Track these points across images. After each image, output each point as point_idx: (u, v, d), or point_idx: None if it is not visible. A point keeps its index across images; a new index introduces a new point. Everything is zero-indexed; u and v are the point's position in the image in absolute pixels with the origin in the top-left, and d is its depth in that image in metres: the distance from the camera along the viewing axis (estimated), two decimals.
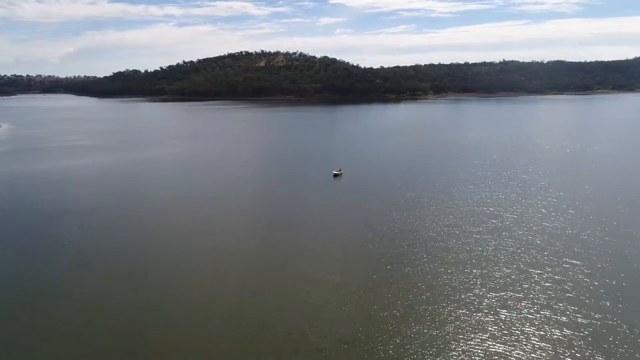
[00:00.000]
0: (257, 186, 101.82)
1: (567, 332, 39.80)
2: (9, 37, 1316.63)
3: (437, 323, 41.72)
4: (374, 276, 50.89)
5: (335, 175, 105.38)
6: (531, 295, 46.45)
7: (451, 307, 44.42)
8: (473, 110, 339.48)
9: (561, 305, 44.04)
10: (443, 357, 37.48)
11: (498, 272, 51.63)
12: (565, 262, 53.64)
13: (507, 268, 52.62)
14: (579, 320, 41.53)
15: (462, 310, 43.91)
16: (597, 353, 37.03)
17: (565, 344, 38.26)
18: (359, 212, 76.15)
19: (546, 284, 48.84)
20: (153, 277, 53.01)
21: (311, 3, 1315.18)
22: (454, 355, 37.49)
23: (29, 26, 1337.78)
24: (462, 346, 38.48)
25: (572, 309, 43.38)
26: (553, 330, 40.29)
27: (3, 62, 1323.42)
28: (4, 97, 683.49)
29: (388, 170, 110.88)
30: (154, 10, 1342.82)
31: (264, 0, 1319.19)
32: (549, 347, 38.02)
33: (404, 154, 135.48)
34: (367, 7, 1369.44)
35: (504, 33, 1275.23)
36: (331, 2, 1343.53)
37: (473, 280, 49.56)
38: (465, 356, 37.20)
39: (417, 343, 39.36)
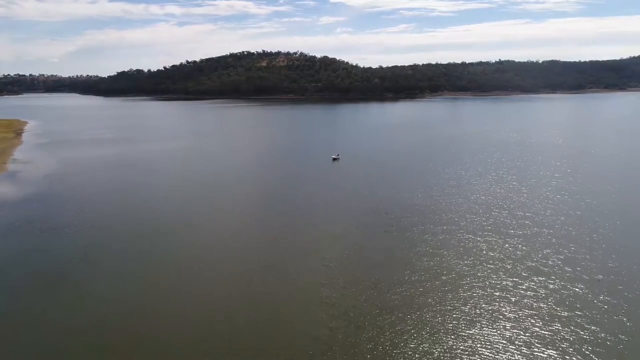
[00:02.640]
0: (268, 167, 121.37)
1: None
2: (9, 36, 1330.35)
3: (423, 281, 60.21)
4: (356, 228, 69.47)
5: (334, 159, 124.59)
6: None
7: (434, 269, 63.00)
8: (463, 108, 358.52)
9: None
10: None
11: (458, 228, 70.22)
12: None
13: (480, 231, 71.29)
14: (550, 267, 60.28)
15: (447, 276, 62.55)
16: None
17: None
18: (352, 185, 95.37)
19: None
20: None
21: (311, 2, 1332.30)
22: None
23: (29, 25, 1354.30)
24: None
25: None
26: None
27: (3, 61, 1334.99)
28: (11, 96, 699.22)
29: (379, 157, 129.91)
30: (154, 9, 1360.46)
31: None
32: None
33: (395, 144, 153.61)
34: (368, 6, 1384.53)
35: (504, 32, 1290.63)
36: (332, 1, 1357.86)
37: (451, 238, 68.19)
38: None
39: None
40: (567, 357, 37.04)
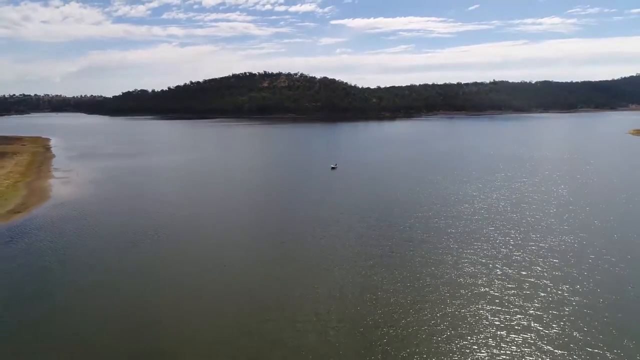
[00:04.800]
0: (274, 174, 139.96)
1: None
2: (13, 56, 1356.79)
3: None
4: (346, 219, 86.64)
5: (332, 168, 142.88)
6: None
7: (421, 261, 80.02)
8: (455, 126, 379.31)
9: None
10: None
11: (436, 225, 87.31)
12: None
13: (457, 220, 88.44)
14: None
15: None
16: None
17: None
18: (347, 188, 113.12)
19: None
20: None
21: (312, 24, 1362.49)
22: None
23: (33, 46, 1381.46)
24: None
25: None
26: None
27: (5, 81, 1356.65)
28: (19, 116, 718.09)
29: (372, 166, 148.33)
30: (157, 30, 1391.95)
31: (265, 21, 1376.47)
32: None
33: (386, 157, 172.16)
34: (368, 28, 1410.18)
35: (502, 52, 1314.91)
36: (332, 22, 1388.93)
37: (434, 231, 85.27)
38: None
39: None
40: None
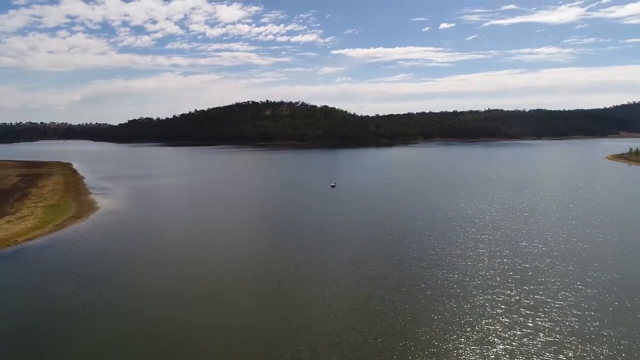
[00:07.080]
0: (282, 191, 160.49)
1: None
2: (18, 85, 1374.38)
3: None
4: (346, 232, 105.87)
5: (332, 187, 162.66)
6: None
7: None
8: (448, 152, 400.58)
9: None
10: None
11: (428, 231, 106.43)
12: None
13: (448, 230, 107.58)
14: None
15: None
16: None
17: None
18: (345, 202, 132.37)
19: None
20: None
21: (313, 53, 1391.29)
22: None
23: (38, 75, 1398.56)
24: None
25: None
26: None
27: (10, 109, 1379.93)
28: (28, 143, 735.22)
29: (367, 185, 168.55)
30: (161, 60, 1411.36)
31: (267, 51, 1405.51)
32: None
33: (380, 178, 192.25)
34: (367, 57, 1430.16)
35: (500, 81, 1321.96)
36: (332, 52, 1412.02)
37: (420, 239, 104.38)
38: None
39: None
40: None
